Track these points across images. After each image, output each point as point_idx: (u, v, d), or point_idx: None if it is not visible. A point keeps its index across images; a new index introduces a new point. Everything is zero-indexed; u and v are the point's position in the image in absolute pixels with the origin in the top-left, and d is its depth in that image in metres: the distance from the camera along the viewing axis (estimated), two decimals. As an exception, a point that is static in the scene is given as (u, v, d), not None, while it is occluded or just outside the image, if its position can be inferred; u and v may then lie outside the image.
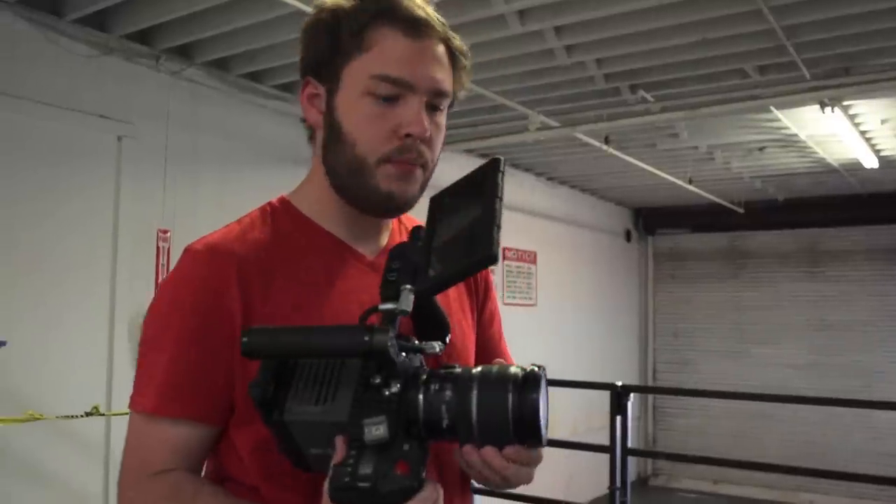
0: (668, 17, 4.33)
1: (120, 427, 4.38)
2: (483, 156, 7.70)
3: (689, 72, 5.21)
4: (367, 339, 0.96)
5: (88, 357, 4.46)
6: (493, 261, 1.00)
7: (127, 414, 3.78)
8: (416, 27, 1.24)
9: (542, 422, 1.00)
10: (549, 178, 8.90)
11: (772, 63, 5.02)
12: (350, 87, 1.24)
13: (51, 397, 4.13)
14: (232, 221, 1.33)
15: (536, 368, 1.01)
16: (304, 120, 1.35)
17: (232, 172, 5.25)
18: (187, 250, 1.26)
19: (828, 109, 5.26)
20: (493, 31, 4.51)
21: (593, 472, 6.74)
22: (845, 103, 5.62)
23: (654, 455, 11.03)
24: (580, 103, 5.90)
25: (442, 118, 1.30)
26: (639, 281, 11.24)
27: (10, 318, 4.03)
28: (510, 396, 0.98)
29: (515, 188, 8.14)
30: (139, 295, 4.65)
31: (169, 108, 4.90)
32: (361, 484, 0.96)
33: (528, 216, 8.30)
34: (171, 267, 4.11)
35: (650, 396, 11.03)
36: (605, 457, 4.79)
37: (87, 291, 4.47)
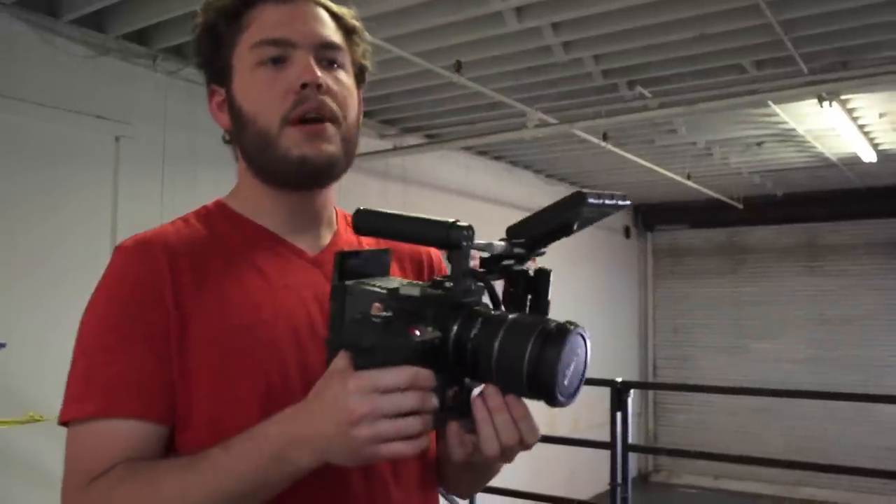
0: (665, 13, 4.36)
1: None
2: (481, 153, 7.74)
3: (686, 67, 5.23)
4: (445, 230, 1.00)
5: (88, 358, 4.48)
6: (582, 198, 1.01)
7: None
8: None
9: (561, 379, 0.95)
10: (548, 175, 8.93)
11: (769, 58, 5.06)
12: (240, 69, 1.25)
13: (51, 398, 4.07)
14: (165, 223, 1.30)
15: (570, 325, 0.98)
16: (225, 140, 1.35)
17: (229, 172, 5.14)
18: (118, 248, 1.23)
19: (825, 104, 5.27)
20: (490, 29, 4.53)
21: (594, 468, 6.77)
22: (843, 97, 5.65)
23: (655, 451, 11.08)
24: (578, 100, 5.93)
25: (343, 76, 1.27)
26: (638, 277, 11.29)
27: (10, 320, 4.05)
28: (530, 347, 0.95)
29: (513, 185, 8.19)
30: (138, 296, 4.70)
31: (166, 108, 4.92)
32: (375, 318, 0.98)
33: (526, 213, 8.29)
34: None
35: (650, 392, 11.08)
36: (607, 453, 4.82)
37: (86, 292, 4.41)
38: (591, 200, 1.02)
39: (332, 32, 1.27)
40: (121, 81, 4.68)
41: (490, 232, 1.17)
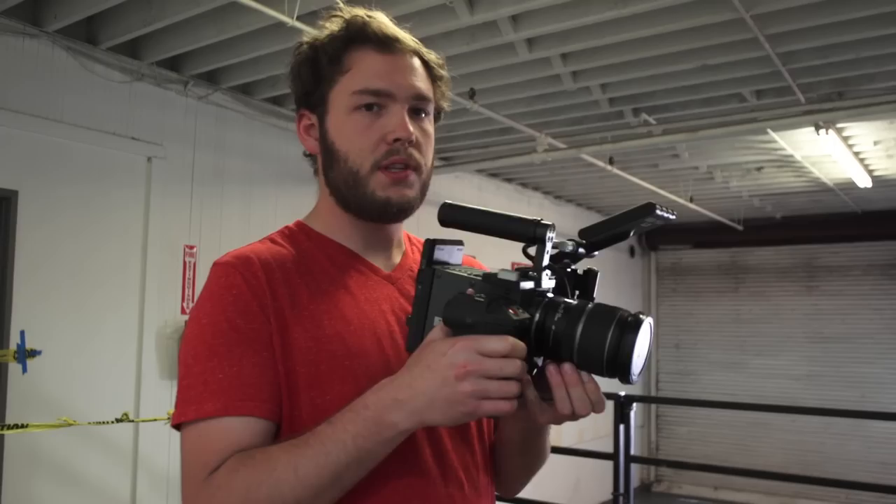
0: (670, 45, 4.50)
1: (148, 433, 4.58)
2: (493, 175, 7.87)
3: (689, 96, 5.39)
4: (532, 227, 1.12)
5: (118, 366, 4.64)
6: (651, 208, 1.10)
7: (154, 420, 3.91)
8: (387, 44, 1.32)
9: (634, 361, 1.06)
10: (557, 197, 9.10)
11: (768, 88, 5.21)
12: (337, 108, 1.33)
13: (83, 404, 4.31)
14: (254, 241, 1.37)
15: (642, 315, 1.07)
16: (306, 154, 1.43)
17: (255, 191, 5.45)
18: (217, 264, 1.29)
19: (822, 132, 5.39)
20: (502, 58, 4.70)
21: (598, 478, 6.89)
22: (839, 126, 5.77)
23: (657, 462, 11.14)
24: (585, 126, 6.10)
25: (427, 124, 1.36)
26: (642, 295, 11.41)
27: (46, 328, 4.20)
28: (611, 332, 1.05)
29: (523, 206, 8.35)
30: (167, 307, 4.88)
31: (196, 131, 5.11)
32: (478, 298, 1.08)
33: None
34: (198, 280, 4.27)
35: (653, 406, 11.17)
36: (610, 463, 4.90)
37: (118, 304, 4.66)
38: (657, 212, 1.11)
39: (424, 84, 1.35)
40: (154, 105, 4.86)
41: (502, 251, 1.35)
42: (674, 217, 1.17)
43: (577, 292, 1.20)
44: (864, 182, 7.18)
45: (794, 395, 9.82)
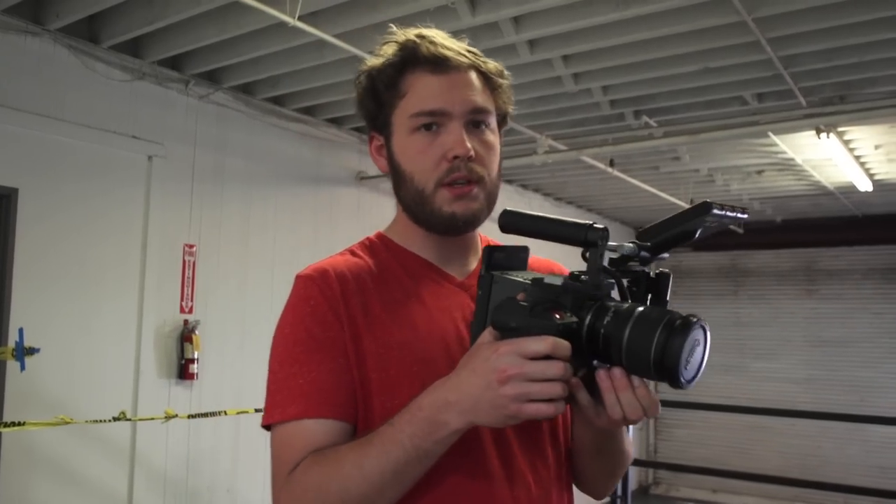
0: (671, 47, 4.50)
1: (145, 431, 4.60)
2: None
3: (690, 98, 5.38)
4: (584, 231, 1.15)
5: (117, 364, 4.63)
6: (707, 208, 1.12)
7: (152, 419, 3.94)
8: (439, 64, 1.37)
9: (684, 365, 1.06)
10: (557, 199, 9.07)
11: (770, 91, 5.21)
12: (399, 130, 1.39)
13: (80, 402, 4.30)
14: (335, 254, 1.46)
15: (693, 318, 1.09)
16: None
17: (255, 191, 5.45)
18: (298, 277, 1.39)
19: (823, 135, 5.39)
20: (503, 60, 4.50)
21: None
22: (840, 129, 5.77)
23: (655, 465, 11.09)
24: (586, 128, 6.09)
25: (489, 135, 1.40)
26: (641, 297, 11.34)
27: (44, 326, 4.20)
28: (657, 336, 1.06)
29: (523, 208, 8.21)
30: (166, 306, 4.87)
31: (197, 130, 5.10)
32: (522, 302, 1.12)
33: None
34: (197, 279, 4.30)
35: (651, 408, 11.11)
36: None
37: (117, 302, 4.65)
38: (714, 211, 1.12)
39: (481, 97, 1.40)
40: (155, 104, 4.85)
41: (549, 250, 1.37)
42: (745, 216, 1.18)
43: (649, 295, 1.20)
44: (865, 186, 7.17)
45: (793, 398, 9.79)
